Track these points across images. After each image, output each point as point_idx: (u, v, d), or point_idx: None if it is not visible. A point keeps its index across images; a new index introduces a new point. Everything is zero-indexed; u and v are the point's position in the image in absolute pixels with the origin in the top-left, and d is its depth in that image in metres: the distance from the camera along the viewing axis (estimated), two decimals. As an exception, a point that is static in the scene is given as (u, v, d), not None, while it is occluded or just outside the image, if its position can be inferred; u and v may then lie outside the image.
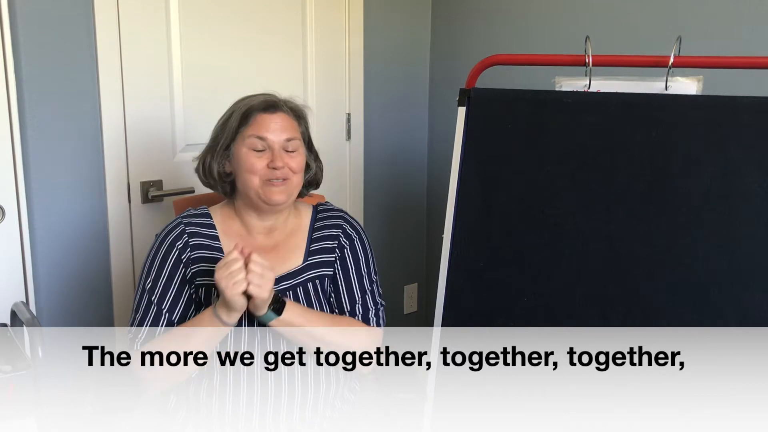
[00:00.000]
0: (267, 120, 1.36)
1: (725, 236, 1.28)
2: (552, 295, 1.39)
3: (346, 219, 1.49)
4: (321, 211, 1.49)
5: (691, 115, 1.34)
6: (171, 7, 1.95)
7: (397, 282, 2.66)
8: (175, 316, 1.34)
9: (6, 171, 1.72)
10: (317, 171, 1.48)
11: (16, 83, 1.71)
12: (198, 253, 1.36)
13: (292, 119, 1.40)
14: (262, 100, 1.38)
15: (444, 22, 2.52)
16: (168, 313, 1.33)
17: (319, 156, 1.50)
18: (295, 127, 1.39)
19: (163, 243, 1.37)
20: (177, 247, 1.36)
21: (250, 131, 1.35)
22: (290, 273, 1.40)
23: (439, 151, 2.59)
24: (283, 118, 1.37)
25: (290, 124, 1.38)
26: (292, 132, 1.38)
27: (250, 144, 1.35)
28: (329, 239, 1.45)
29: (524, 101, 1.49)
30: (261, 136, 1.34)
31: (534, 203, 1.44)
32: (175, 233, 1.37)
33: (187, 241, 1.36)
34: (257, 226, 1.41)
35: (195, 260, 1.36)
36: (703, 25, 1.79)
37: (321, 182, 1.51)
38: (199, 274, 1.35)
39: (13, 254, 1.76)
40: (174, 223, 1.40)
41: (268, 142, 1.34)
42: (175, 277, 1.35)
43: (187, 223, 1.39)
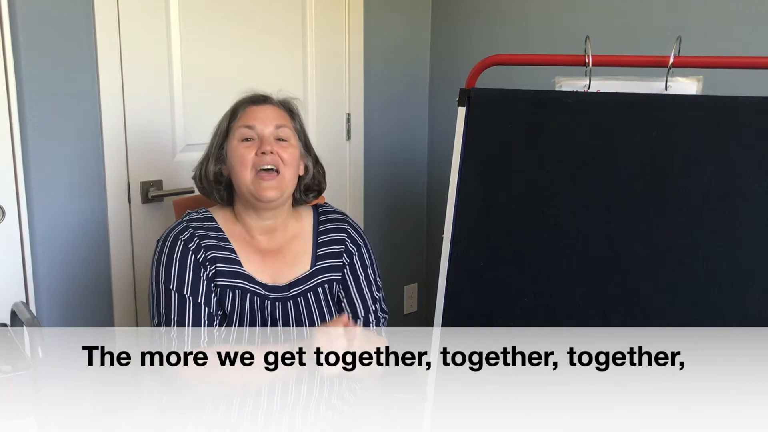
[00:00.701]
0: (255, 110, 1.37)
1: (725, 236, 1.28)
2: (552, 295, 1.39)
3: (349, 223, 1.48)
4: (322, 213, 1.48)
5: (691, 115, 1.34)
6: (171, 7, 1.95)
7: (397, 282, 2.66)
8: (213, 309, 1.31)
9: (6, 171, 1.72)
10: (316, 174, 1.45)
11: (16, 83, 1.71)
12: (212, 254, 1.33)
13: (283, 111, 1.40)
14: (250, 94, 1.40)
15: (444, 22, 2.52)
16: (206, 306, 1.30)
17: (320, 161, 1.47)
18: (285, 117, 1.39)
19: (176, 244, 1.33)
20: (191, 249, 1.32)
21: (239, 123, 1.36)
22: (299, 279, 1.39)
23: (439, 151, 2.59)
24: (272, 108, 1.38)
25: (280, 114, 1.38)
26: (281, 119, 1.37)
27: (239, 135, 1.35)
28: (336, 243, 1.44)
29: (524, 101, 1.49)
30: (249, 124, 1.34)
31: (534, 203, 1.44)
32: (186, 235, 1.34)
33: (199, 243, 1.33)
34: (257, 227, 1.40)
35: (212, 260, 1.33)
36: (703, 25, 1.79)
37: (324, 189, 1.48)
38: (218, 275, 1.33)
39: (13, 254, 1.76)
40: (180, 226, 1.36)
41: (256, 130, 1.34)
42: (201, 275, 1.31)
43: (194, 227, 1.36)
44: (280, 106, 1.40)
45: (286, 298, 1.37)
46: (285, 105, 1.42)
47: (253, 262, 1.37)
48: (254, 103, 1.38)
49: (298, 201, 1.45)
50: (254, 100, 1.39)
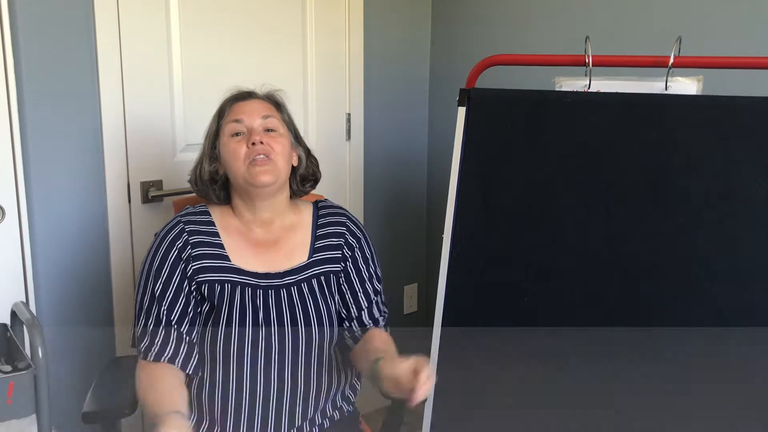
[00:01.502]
0: (242, 105, 1.40)
1: (725, 236, 1.28)
2: (552, 295, 1.39)
3: (349, 216, 1.49)
4: (322, 207, 1.49)
5: (691, 115, 1.34)
6: (171, 7, 1.95)
7: (397, 282, 2.66)
8: (174, 316, 1.33)
9: (6, 171, 1.72)
10: (309, 164, 1.47)
11: (16, 83, 1.71)
12: (199, 250, 1.36)
13: (269, 104, 1.42)
14: (235, 92, 1.43)
15: (444, 22, 2.52)
16: (167, 312, 1.33)
17: (312, 153, 1.48)
18: (271, 109, 1.41)
19: (163, 242, 1.37)
20: (177, 246, 1.36)
21: (227, 120, 1.39)
22: (295, 269, 1.39)
23: (439, 151, 2.59)
24: (257, 102, 1.41)
25: (266, 106, 1.41)
26: (268, 111, 1.40)
27: (229, 130, 1.37)
28: (334, 236, 1.45)
29: (524, 101, 1.49)
30: (237, 119, 1.37)
31: (534, 203, 1.44)
32: (174, 232, 1.37)
33: (187, 239, 1.36)
34: (254, 220, 1.41)
35: (196, 257, 1.35)
36: (703, 25, 1.79)
37: (320, 178, 1.50)
38: (201, 271, 1.35)
39: (13, 254, 1.76)
40: (173, 222, 1.40)
41: (245, 123, 1.36)
42: (175, 275, 1.34)
43: (186, 222, 1.39)
44: (266, 99, 1.43)
45: (280, 286, 1.37)
46: (270, 98, 1.44)
47: (245, 255, 1.38)
48: (240, 99, 1.41)
49: (297, 192, 1.47)
50: (239, 96, 1.42)
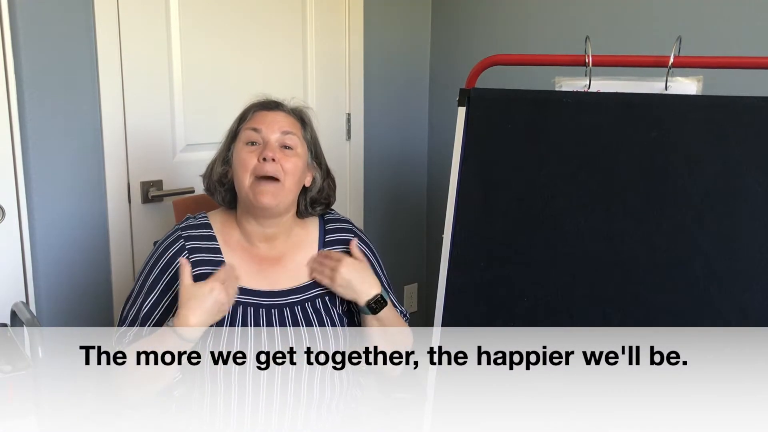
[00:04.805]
0: (265, 114, 1.34)
1: (725, 236, 1.28)
2: (552, 296, 1.39)
3: (355, 232, 1.46)
4: (328, 222, 1.45)
5: (691, 115, 1.34)
6: (171, 7, 1.95)
7: (397, 282, 2.65)
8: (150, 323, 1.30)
9: (6, 171, 1.72)
10: (325, 188, 1.41)
11: (16, 83, 1.71)
12: (199, 269, 1.31)
13: (294, 119, 1.37)
14: (263, 99, 1.38)
15: (444, 22, 2.52)
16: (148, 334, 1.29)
17: (332, 174, 1.43)
18: (295, 125, 1.36)
19: (161, 258, 1.32)
20: (174, 267, 1.30)
21: (246, 125, 1.34)
22: (300, 287, 1.36)
23: (439, 151, 2.59)
24: (282, 115, 1.35)
25: (290, 121, 1.35)
26: (290, 127, 1.34)
27: (245, 137, 1.32)
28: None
29: (524, 101, 1.49)
30: (256, 127, 1.32)
31: (534, 203, 1.43)
32: (174, 248, 1.32)
33: (187, 257, 1.31)
34: (258, 234, 1.36)
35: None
36: (703, 25, 1.79)
37: (333, 202, 1.44)
38: None
39: (13, 254, 1.76)
40: (173, 236, 1.35)
41: (262, 134, 1.31)
42: (166, 297, 1.30)
43: (187, 237, 1.34)
44: (292, 113, 1.37)
45: (283, 305, 1.34)
46: (297, 113, 1.38)
47: (248, 272, 1.34)
48: (265, 108, 1.36)
49: (303, 213, 1.41)
50: (266, 105, 1.36)
